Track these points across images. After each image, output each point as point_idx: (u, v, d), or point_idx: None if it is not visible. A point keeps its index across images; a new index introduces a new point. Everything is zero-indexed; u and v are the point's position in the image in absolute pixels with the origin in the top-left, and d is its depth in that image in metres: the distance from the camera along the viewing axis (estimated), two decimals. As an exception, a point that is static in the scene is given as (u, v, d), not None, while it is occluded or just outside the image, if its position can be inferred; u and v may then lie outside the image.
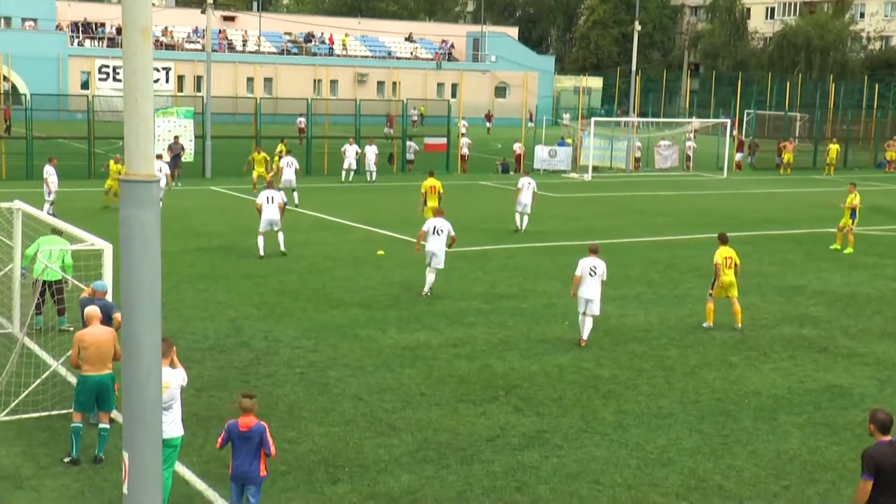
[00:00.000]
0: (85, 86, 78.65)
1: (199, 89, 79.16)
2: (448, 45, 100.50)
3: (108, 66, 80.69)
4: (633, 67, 68.43)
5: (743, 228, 32.68)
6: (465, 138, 51.99)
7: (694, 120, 60.62)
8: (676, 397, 15.47)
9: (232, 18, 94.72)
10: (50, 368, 14.40)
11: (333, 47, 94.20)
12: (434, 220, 22.28)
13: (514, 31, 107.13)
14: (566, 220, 34.21)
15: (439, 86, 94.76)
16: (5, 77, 73.02)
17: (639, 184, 47.78)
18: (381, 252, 26.58)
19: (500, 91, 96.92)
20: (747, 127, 66.34)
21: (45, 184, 30.52)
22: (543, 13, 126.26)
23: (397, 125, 56.08)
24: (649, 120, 64.74)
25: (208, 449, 12.46)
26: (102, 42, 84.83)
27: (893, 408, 11.82)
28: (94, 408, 12.47)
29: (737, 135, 60.82)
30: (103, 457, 12.22)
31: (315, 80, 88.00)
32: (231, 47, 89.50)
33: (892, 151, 60.39)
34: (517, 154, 51.80)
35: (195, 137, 43.69)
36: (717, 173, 53.58)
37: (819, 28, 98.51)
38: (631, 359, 17.43)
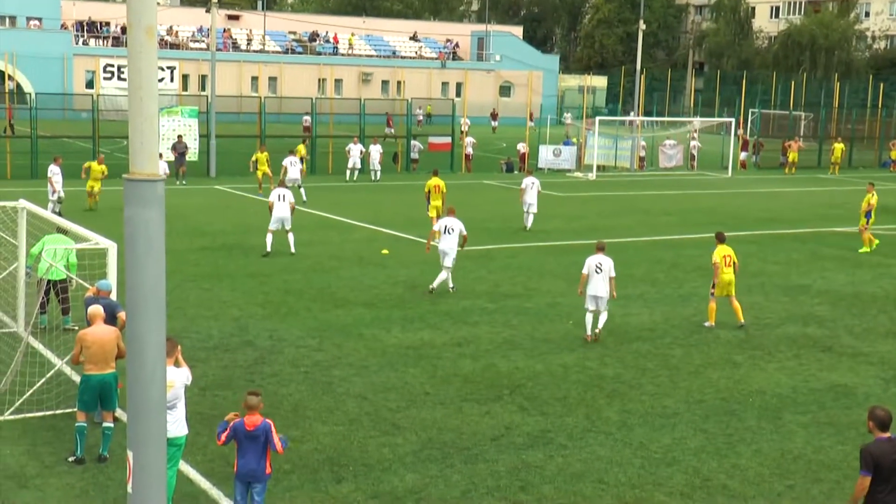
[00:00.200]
0: (90, 85, 78.73)
1: (203, 88, 79.27)
2: (452, 45, 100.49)
3: (112, 66, 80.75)
4: (638, 66, 68.31)
5: (747, 228, 32.67)
6: (469, 137, 52.03)
7: (695, 119, 60.48)
8: (681, 396, 15.46)
9: (236, 17, 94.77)
10: (54, 368, 14.44)
11: (338, 46, 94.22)
12: (446, 219, 22.32)
13: (518, 31, 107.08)
14: (570, 219, 34.19)
15: (444, 85, 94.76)
16: (10, 76, 73.17)
17: (643, 183, 47.73)
18: (385, 251, 26.60)
19: (504, 90, 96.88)
20: (752, 126, 66.27)
21: (49, 183, 30.57)
22: (548, 12, 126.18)
23: (401, 124, 56.00)
24: (649, 119, 64.61)
25: (212, 447, 12.47)
26: (107, 41, 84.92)
27: (898, 407, 11.83)
28: (98, 407, 12.49)
29: (741, 134, 60.76)
30: (108, 455, 12.24)
31: (319, 80, 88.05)
32: (235, 46, 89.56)
33: (896, 150, 60.32)
34: (521, 153, 51.83)
35: (199, 136, 43.72)
36: (721, 172, 53.52)
37: (824, 27, 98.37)
38: (635, 358, 17.42)
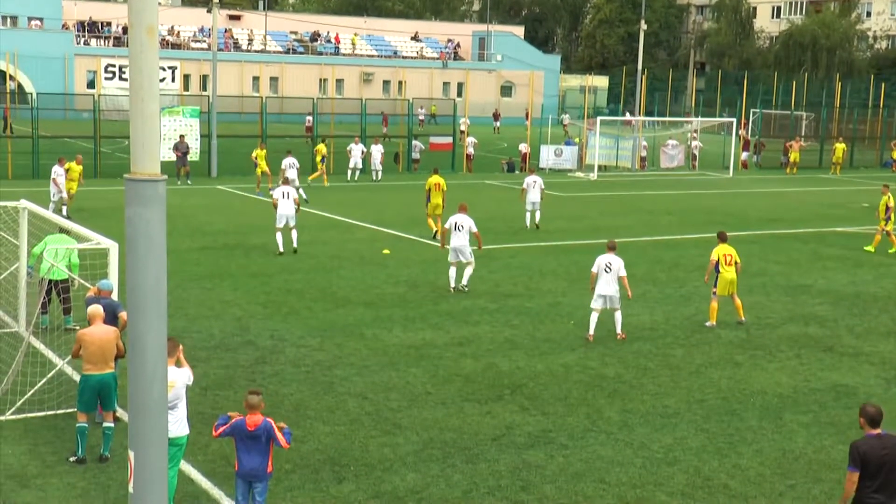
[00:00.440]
0: (91, 85, 78.83)
1: (204, 88, 79.32)
2: (454, 45, 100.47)
3: (113, 66, 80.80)
4: (639, 66, 68.29)
5: (749, 228, 32.66)
6: (471, 137, 52.01)
7: (693, 119, 60.43)
8: (682, 396, 15.46)
9: (238, 17, 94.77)
10: (56, 368, 14.45)
11: (339, 46, 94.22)
12: (456, 216, 22.28)
13: (519, 31, 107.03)
14: (572, 219, 34.19)
15: (445, 85, 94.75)
16: (11, 76, 73.21)
17: (644, 183, 47.72)
18: (386, 251, 26.61)
19: (505, 90, 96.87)
20: (753, 126, 66.22)
21: (52, 183, 30.53)
22: (549, 12, 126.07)
23: (402, 124, 56.02)
24: (648, 119, 64.55)
25: (214, 447, 12.48)
26: (108, 41, 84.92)
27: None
28: (97, 407, 12.49)
29: (743, 134, 60.73)
30: (109, 455, 12.24)
31: (321, 80, 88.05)
32: (237, 46, 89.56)
33: (898, 150, 60.29)
34: (523, 153, 51.84)
35: (201, 136, 43.73)
36: (722, 172, 53.51)
37: (825, 27, 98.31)
38: (636, 358, 17.42)
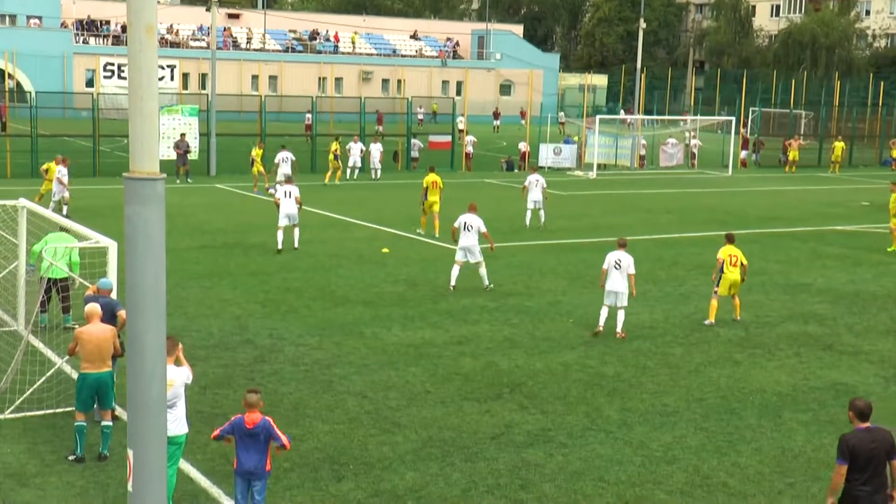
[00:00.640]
0: (90, 83, 78.79)
1: (203, 87, 79.26)
2: (453, 43, 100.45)
3: (112, 64, 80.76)
4: (638, 65, 68.28)
5: (748, 226, 32.65)
6: (470, 136, 51.99)
7: (689, 118, 60.42)
8: (681, 395, 15.46)
9: (237, 16, 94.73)
10: (55, 366, 14.44)
11: (338, 45, 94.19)
12: (465, 215, 22.28)
13: (518, 29, 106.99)
14: (571, 217, 34.17)
15: (444, 84, 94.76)
16: (10, 75, 73.16)
17: (644, 181, 47.73)
18: (385, 250, 26.60)
19: (504, 89, 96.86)
20: (752, 125, 66.21)
21: (56, 182, 30.46)
22: (548, 11, 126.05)
23: (401, 122, 55.99)
24: (648, 117, 64.56)
25: (213, 446, 12.47)
26: (107, 40, 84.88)
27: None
28: (95, 405, 12.49)
29: (742, 132, 60.72)
30: (108, 454, 12.24)
31: (320, 78, 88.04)
32: (236, 45, 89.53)
33: (897, 149, 60.29)
34: (522, 152, 51.82)
35: (200, 135, 43.70)
36: (722, 171, 53.51)
37: (824, 26, 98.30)
38: (636, 356, 17.42)
